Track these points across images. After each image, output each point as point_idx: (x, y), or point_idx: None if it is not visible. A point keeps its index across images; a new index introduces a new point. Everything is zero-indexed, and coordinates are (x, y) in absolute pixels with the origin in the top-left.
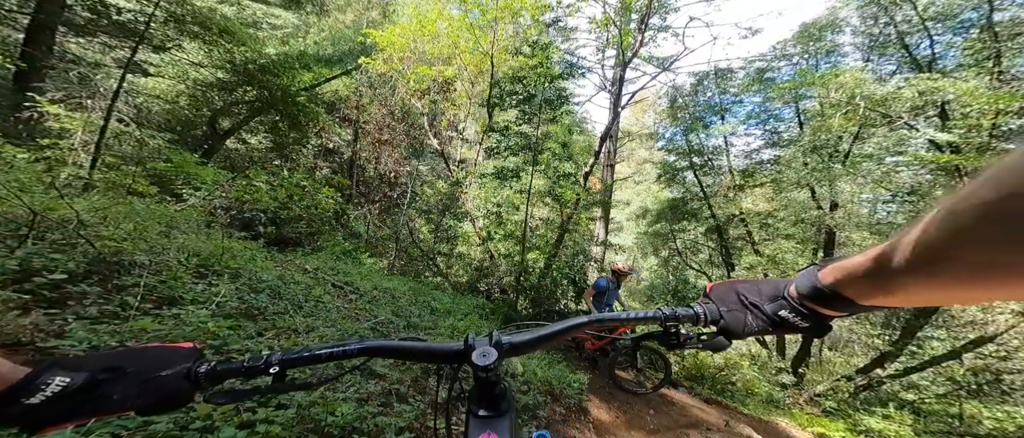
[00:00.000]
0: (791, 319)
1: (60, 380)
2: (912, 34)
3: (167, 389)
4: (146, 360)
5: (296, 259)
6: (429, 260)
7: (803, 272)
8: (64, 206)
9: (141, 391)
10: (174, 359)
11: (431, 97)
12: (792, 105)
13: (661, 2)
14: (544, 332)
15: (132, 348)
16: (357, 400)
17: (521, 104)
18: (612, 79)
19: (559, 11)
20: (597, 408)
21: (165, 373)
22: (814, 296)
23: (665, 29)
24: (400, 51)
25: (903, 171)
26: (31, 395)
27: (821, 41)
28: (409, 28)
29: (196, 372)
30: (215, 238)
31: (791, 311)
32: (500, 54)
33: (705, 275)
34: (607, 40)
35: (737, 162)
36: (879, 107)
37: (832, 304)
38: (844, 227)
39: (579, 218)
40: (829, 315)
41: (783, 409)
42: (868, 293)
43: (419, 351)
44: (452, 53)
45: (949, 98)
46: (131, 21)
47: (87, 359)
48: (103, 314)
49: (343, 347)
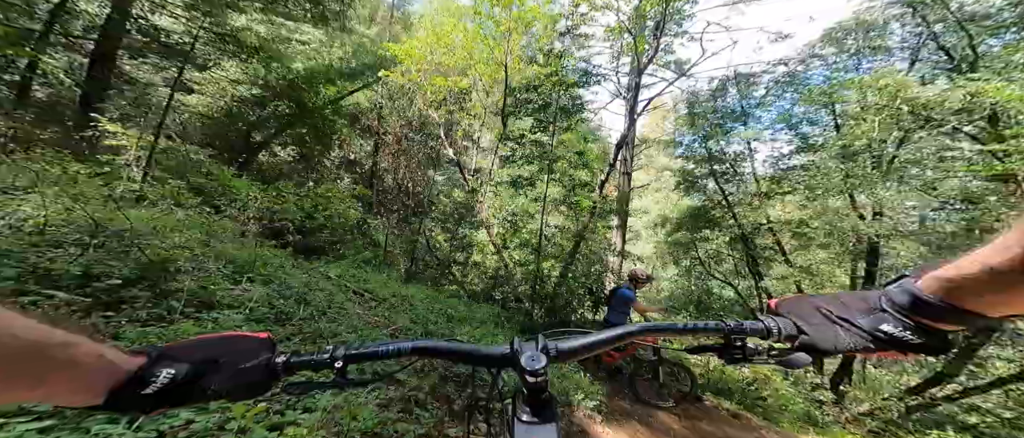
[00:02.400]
0: (899, 335)
1: (168, 372)
2: (948, 33)
3: (252, 379)
4: (235, 350)
5: (320, 267)
6: (445, 268)
7: (894, 285)
8: (120, 217)
9: (231, 380)
10: (256, 349)
11: (447, 107)
12: (827, 108)
13: (677, 9)
14: (594, 338)
15: (222, 337)
16: (378, 405)
17: (536, 112)
18: (627, 86)
19: (573, 20)
20: (616, 423)
21: (249, 364)
22: (917, 310)
23: (681, 34)
24: (418, 63)
25: (953, 177)
26: (145, 386)
27: (849, 43)
28: (426, 41)
29: (275, 363)
30: (248, 247)
31: (897, 325)
32: (514, 64)
33: (730, 286)
34: (622, 47)
35: (763, 169)
36: (924, 111)
37: (944, 318)
38: (889, 237)
39: (595, 227)
40: (944, 329)
41: (822, 428)
42: (1000, 302)
43: (466, 353)
44: (467, 64)
45: (995, 101)
46: (178, 42)
47: (187, 349)
48: (151, 317)
49: (398, 345)
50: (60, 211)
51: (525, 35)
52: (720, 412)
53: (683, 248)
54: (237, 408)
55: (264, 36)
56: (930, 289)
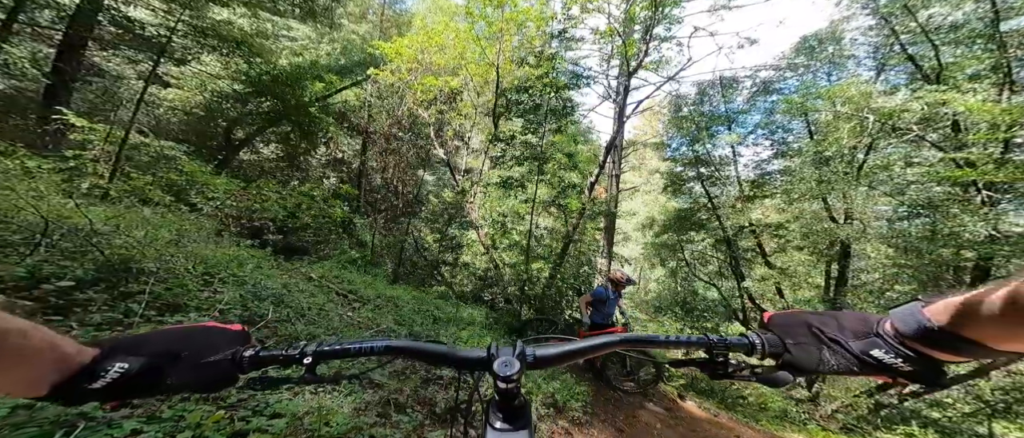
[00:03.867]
0: (888, 361)
1: (120, 366)
2: (916, 44)
3: (215, 372)
4: (199, 343)
5: (302, 267)
6: (434, 269)
7: (900, 309)
8: (78, 214)
9: (193, 374)
10: (223, 342)
11: (438, 107)
12: (801, 117)
13: (665, 13)
14: (572, 348)
15: (187, 328)
16: (353, 409)
17: (527, 114)
18: (617, 89)
19: (564, 22)
20: (601, 423)
21: (214, 358)
22: (922, 337)
23: (669, 39)
24: (408, 62)
25: (915, 184)
26: (94, 380)
27: (823, 53)
28: (417, 40)
29: (241, 356)
30: (223, 247)
31: (889, 351)
32: (506, 65)
33: (714, 286)
34: (612, 50)
35: (746, 172)
36: (889, 120)
37: (950, 348)
38: (859, 240)
39: (585, 228)
40: (944, 359)
41: (798, 425)
42: (1009, 336)
43: (441, 355)
44: (458, 64)
45: (958, 111)
46: (154, 35)
47: (146, 342)
48: (107, 320)
49: (371, 344)
50: (10, 209)
51: (517, 36)
52: (703, 412)
53: (670, 250)
54: (193, 416)
55: (248, 31)
56: (938, 317)
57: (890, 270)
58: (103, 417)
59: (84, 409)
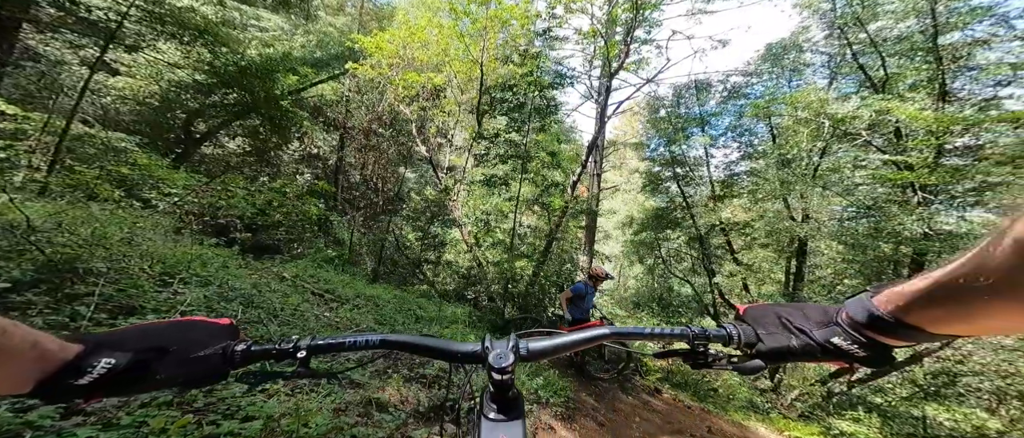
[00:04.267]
0: (846, 347)
1: (106, 362)
2: (866, 54)
3: (205, 367)
4: (187, 337)
5: (273, 266)
6: (416, 268)
7: (853, 299)
8: (12, 210)
9: (181, 370)
10: (212, 337)
11: (420, 104)
12: (765, 121)
13: (645, 16)
14: (563, 340)
15: (175, 323)
16: (333, 410)
17: (511, 112)
18: (599, 89)
19: (549, 21)
20: (583, 417)
21: (204, 352)
22: (872, 324)
23: (649, 42)
24: (389, 57)
25: (862, 186)
26: (79, 377)
27: (784, 61)
28: (398, 35)
29: (232, 351)
30: (184, 245)
31: (846, 338)
32: (490, 62)
33: (688, 283)
34: (594, 51)
35: (717, 173)
36: (841, 125)
37: (894, 333)
38: (814, 237)
39: (567, 227)
40: (891, 344)
41: (762, 414)
42: (941, 320)
43: (435, 349)
44: (442, 60)
45: (900, 118)
46: (102, 20)
47: (132, 337)
48: (50, 325)
49: (366, 338)
50: None
51: (501, 33)
52: (677, 404)
53: (647, 247)
54: (156, 421)
55: (212, 19)
56: (884, 305)
57: (840, 265)
58: (52, 425)
59: (30, 418)
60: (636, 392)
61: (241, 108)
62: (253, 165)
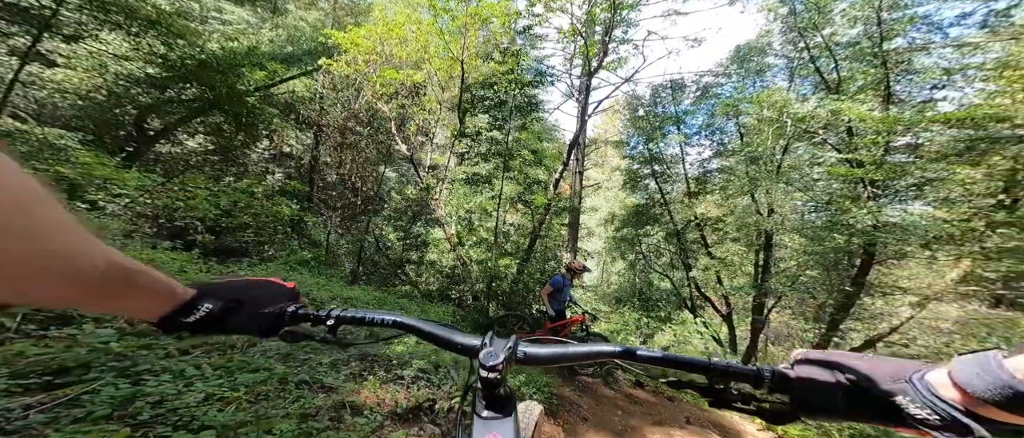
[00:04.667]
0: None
1: (207, 306)
2: (823, 58)
3: (266, 321)
4: (259, 294)
5: (240, 270)
6: (397, 268)
7: (973, 358)
8: None
9: (251, 320)
10: (277, 297)
11: (399, 101)
12: (734, 119)
13: (623, 16)
14: (564, 351)
15: (255, 281)
16: (300, 416)
17: (491, 109)
18: (579, 88)
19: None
20: (566, 412)
21: (267, 309)
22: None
23: (627, 41)
24: (365, 54)
25: (820, 182)
26: (189, 315)
27: (751, 63)
28: (376, 30)
29: (284, 311)
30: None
31: (917, 403)
32: (471, 60)
33: (667, 277)
34: (574, 50)
35: (691, 170)
36: (801, 124)
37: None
38: (779, 231)
39: (551, 224)
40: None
41: None
42: None
43: (439, 337)
44: (421, 57)
45: (851, 118)
46: (34, 6)
47: (223, 289)
48: None
49: (383, 316)
50: None
51: (482, 31)
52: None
53: (628, 244)
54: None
55: (165, 9)
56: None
57: (802, 257)
58: None
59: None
60: (619, 386)
61: (202, 104)
62: (217, 164)
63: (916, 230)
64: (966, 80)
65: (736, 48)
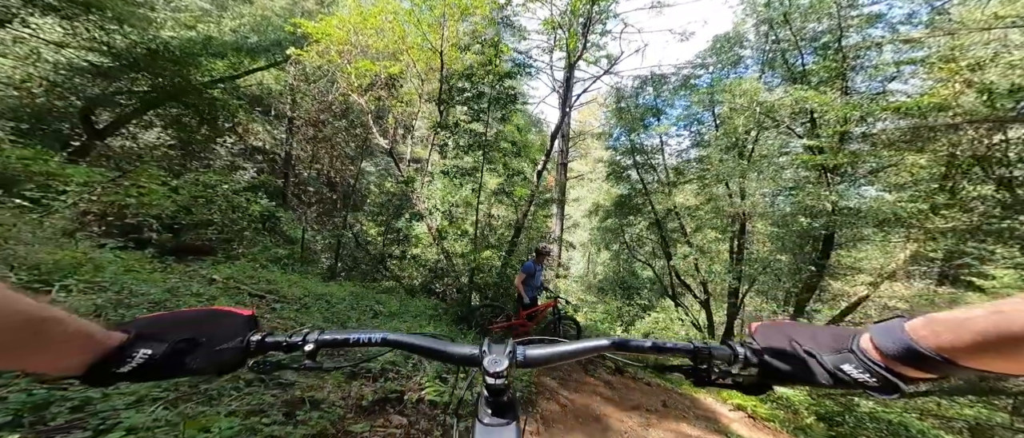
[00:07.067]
0: (857, 376)
1: (144, 352)
2: (791, 51)
3: (228, 357)
4: (215, 329)
5: (201, 269)
6: (379, 263)
7: (884, 325)
8: None
9: (208, 359)
10: (236, 328)
11: (375, 93)
12: (710, 110)
13: (604, 7)
14: (562, 349)
15: (207, 312)
16: (247, 412)
17: (470, 101)
18: (562, 80)
19: (510, 10)
20: (545, 400)
21: (228, 344)
22: (904, 357)
23: (606, 33)
24: (338, 44)
25: (787, 169)
26: (121, 365)
27: (729, 53)
28: (349, 20)
29: (249, 341)
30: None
31: (860, 367)
32: (451, 51)
33: (649, 266)
34: (555, 42)
35: (671, 160)
36: (769, 113)
37: (924, 364)
38: (751, 217)
39: (536, 216)
40: (915, 377)
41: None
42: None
43: (434, 350)
44: (399, 48)
45: (813, 108)
46: None
47: (168, 327)
48: None
49: (369, 335)
50: None
51: (462, 22)
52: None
53: (612, 234)
54: None
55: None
56: (925, 337)
57: (772, 242)
58: None
59: None
60: (598, 373)
61: (157, 95)
62: (178, 160)
63: (870, 214)
64: (913, 73)
65: (714, 38)
